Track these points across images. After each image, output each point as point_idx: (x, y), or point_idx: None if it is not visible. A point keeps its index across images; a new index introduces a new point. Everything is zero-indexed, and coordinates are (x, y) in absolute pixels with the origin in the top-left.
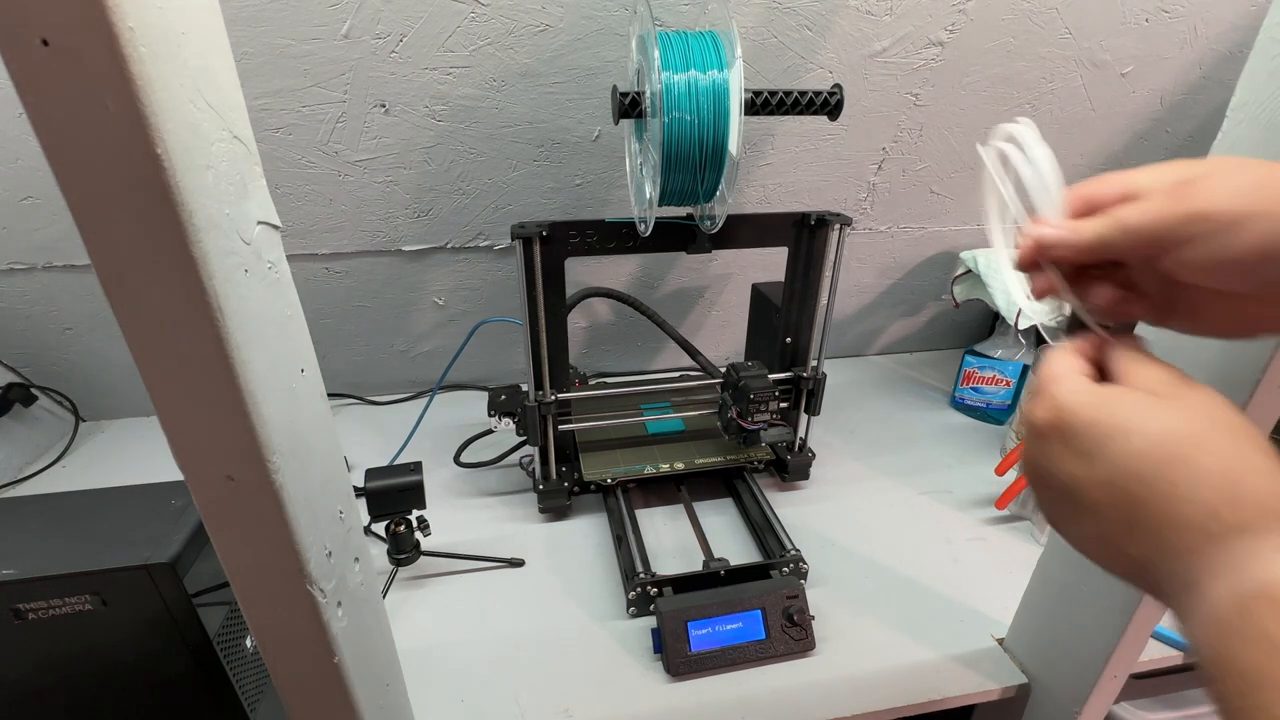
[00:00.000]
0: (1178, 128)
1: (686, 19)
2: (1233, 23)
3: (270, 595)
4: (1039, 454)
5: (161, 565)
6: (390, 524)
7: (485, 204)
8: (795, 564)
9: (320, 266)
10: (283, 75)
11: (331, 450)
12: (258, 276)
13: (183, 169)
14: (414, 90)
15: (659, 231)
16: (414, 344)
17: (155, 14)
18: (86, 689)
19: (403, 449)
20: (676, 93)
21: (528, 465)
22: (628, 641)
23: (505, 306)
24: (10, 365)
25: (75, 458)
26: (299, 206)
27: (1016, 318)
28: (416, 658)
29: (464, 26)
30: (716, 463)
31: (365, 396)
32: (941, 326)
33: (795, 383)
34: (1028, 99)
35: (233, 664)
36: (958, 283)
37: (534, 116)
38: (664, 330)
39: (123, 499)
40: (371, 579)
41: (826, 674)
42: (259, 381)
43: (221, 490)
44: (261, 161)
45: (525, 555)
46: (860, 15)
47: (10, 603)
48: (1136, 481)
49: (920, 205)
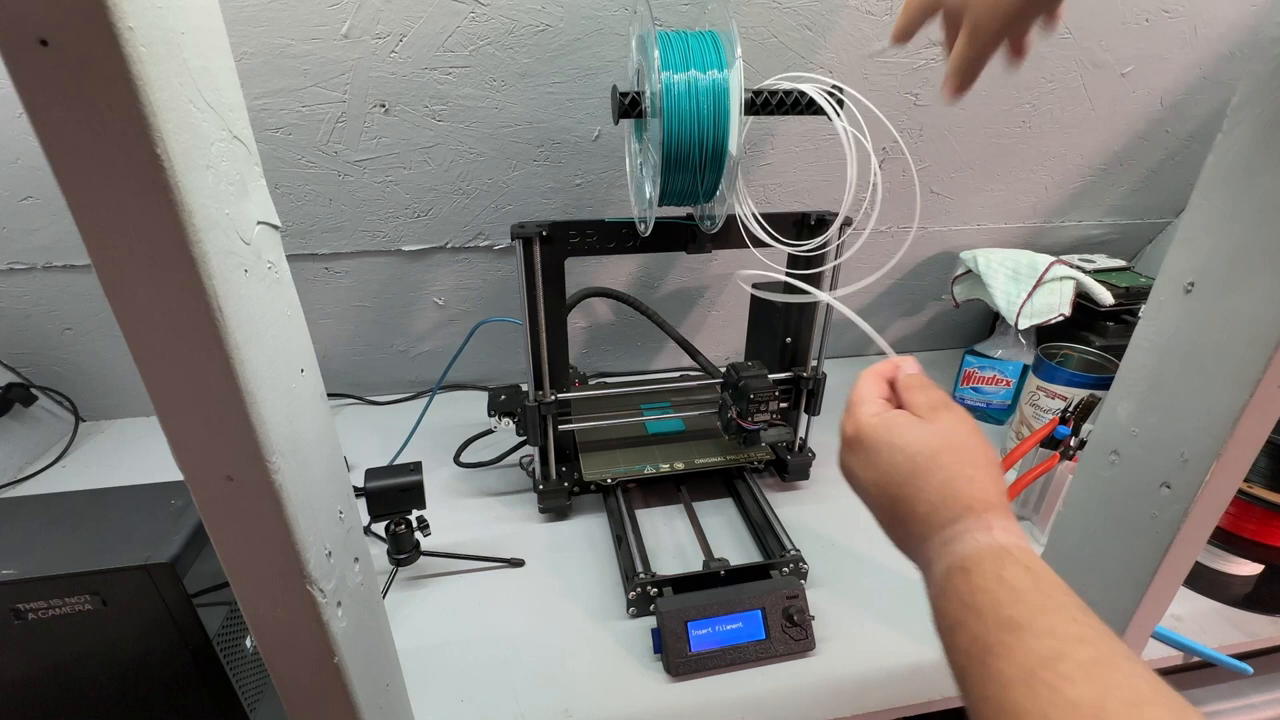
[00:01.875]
0: (1178, 128)
1: (686, 19)
2: (1233, 23)
3: (270, 595)
4: (846, 459)
5: (161, 565)
6: (390, 524)
7: (485, 204)
8: (795, 564)
9: (320, 266)
10: (283, 75)
11: (331, 450)
12: (258, 276)
13: (183, 169)
14: (414, 90)
15: (659, 231)
16: (414, 344)
17: (155, 14)
18: (86, 689)
19: (403, 449)
20: (676, 93)
21: (528, 465)
22: (628, 641)
23: (505, 306)
24: (10, 365)
25: (75, 458)
26: (299, 206)
27: (1016, 318)
28: (416, 658)
29: (464, 26)
30: (716, 463)
31: (365, 396)
32: (941, 326)
33: (795, 383)
34: (1028, 99)
35: (233, 664)
36: (958, 283)
37: (534, 116)
38: (664, 330)
39: (123, 499)
40: (371, 579)
41: (826, 674)
42: (259, 381)
43: (221, 490)
44: (261, 161)
45: (525, 555)
46: (860, 15)
47: (10, 603)
48: (895, 485)
49: (920, 205)
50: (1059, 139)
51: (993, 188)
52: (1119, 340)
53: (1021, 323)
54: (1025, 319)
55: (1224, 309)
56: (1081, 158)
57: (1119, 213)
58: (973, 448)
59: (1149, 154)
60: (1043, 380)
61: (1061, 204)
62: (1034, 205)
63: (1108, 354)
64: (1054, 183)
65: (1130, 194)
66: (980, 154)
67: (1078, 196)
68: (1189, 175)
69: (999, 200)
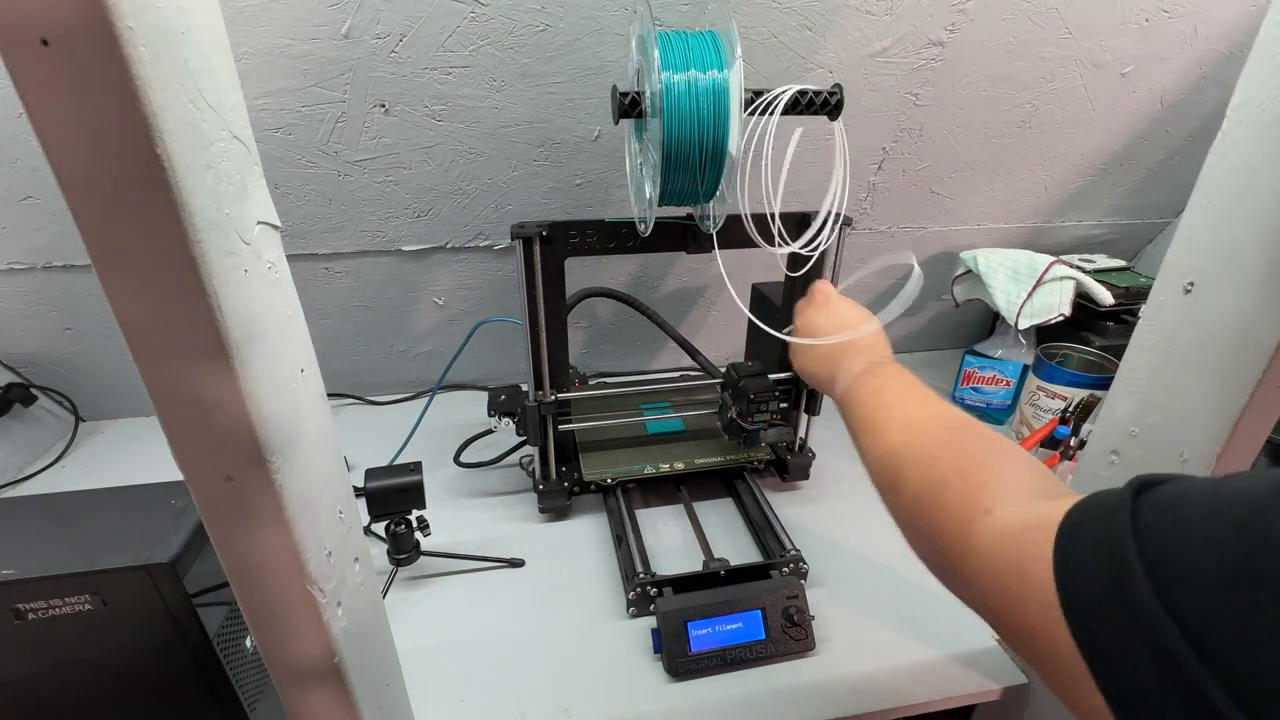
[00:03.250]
0: (1178, 128)
1: (686, 19)
2: (1233, 23)
3: (270, 595)
4: (813, 314)
5: (161, 565)
6: (390, 524)
7: (485, 204)
8: (795, 564)
9: (320, 266)
10: (283, 75)
11: (331, 450)
12: (258, 276)
13: (183, 169)
14: (414, 90)
15: (659, 231)
16: (414, 344)
17: (155, 14)
18: (86, 689)
19: (403, 449)
20: (676, 93)
21: (528, 465)
22: (628, 641)
23: (505, 306)
24: (10, 365)
25: (75, 458)
26: (299, 206)
27: (1016, 318)
28: (416, 658)
29: (464, 26)
30: (716, 463)
31: (365, 396)
32: (941, 326)
33: (795, 383)
34: (1028, 99)
35: (233, 664)
36: (958, 283)
37: (534, 116)
38: (664, 330)
39: (123, 499)
40: (371, 579)
41: (826, 674)
42: (259, 381)
43: (221, 490)
44: (261, 161)
45: (525, 555)
46: (860, 15)
47: (10, 603)
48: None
49: (920, 205)
50: (1059, 139)
51: (993, 188)
52: (1119, 340)
53: (1021, 323)
54: (1025, 319)
55: (1224, 309)
56: (1081, 158)
57: (1119, 213)
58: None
59: (1149, 154)
60: (1043, 380)
61: (1061, 204)
62: (1034, 205)
63: (1108, 354)
64: (1054, 183)
65: (1130, 194)
66: (980, 154)
67: (1078, 196)
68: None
69: (999, 200)
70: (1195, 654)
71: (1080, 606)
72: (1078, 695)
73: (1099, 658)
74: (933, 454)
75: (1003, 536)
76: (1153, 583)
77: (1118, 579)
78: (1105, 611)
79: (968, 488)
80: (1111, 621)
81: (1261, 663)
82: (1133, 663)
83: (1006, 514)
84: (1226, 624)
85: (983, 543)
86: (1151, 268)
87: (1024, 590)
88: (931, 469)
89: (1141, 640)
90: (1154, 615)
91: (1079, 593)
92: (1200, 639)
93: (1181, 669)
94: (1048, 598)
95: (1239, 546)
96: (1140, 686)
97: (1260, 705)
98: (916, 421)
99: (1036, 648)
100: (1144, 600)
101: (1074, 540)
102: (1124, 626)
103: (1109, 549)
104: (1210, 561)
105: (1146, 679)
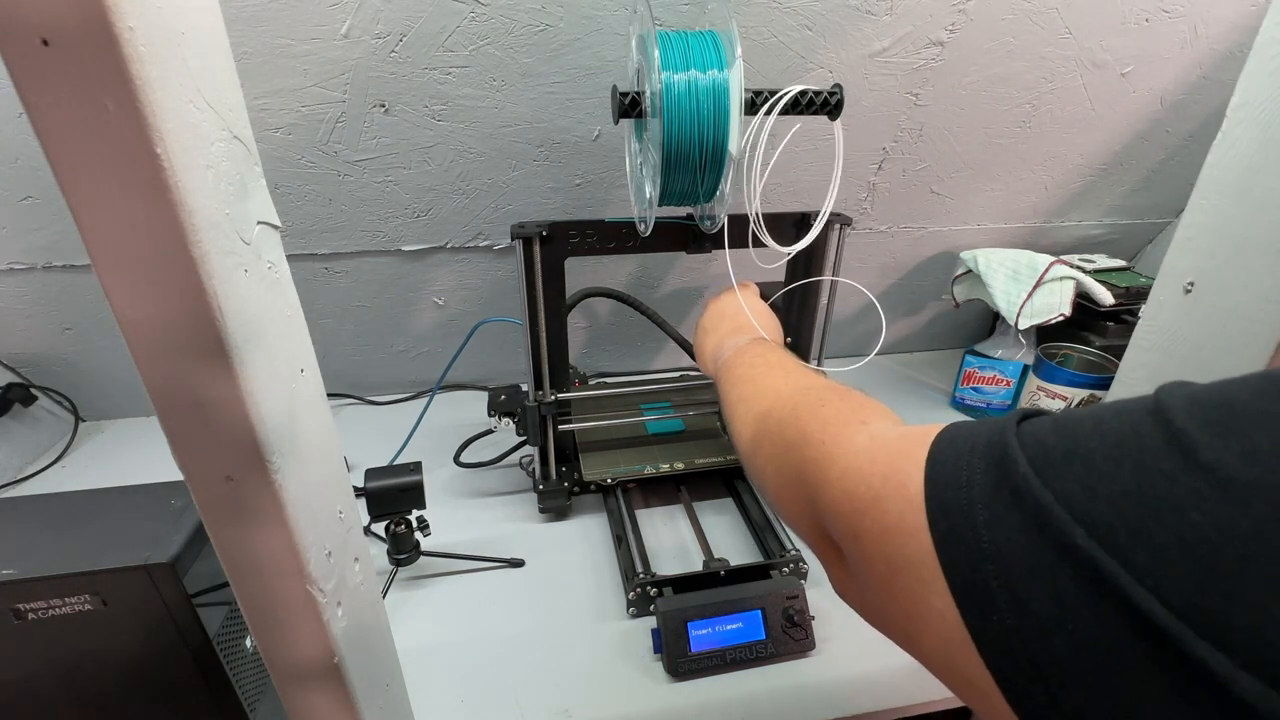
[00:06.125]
0: (1178, 128)
1: (686, 19)
2: (1233, 23)
3: (270, 595)
4: (717, 302)
5: (161, 565)
6: (390, 524)
7: (485, 204)
8: (795, 564)
9: (320, 266)
10: (283, 75)
11: (331, 450)
12: (258, 276)
13: (183, 169)
14: (414, 90)
15: (659, 231)
16: (414, 344)
17: (155, 14)
18: (86, 689)
19: (403, 449)
20: (676, 93)
21: (528, 465)
22: (628, 641)
23: (505, 306)
24: (10, 365)
25: (75, 458)
26: (299, 206)
27: (1016, 318)
28: (416, 658)
29: (464, 26)
30: (716, 463)
31: (365, 396)
32: (942, 326)
33: None
34: (1028, 99)
35: (233, 664)
36: (958, 283)
37: (534, 116)
38: (664, 330)
39: (123, 499)
40: (371, 579)
41: (826, 674)
42: (259, 381)
43: (221, 490)
44: (261, 161)
45: (525, 555)
46: (860, 15)
47: (10, 603)
48: (719, 316)
49: (920, 205)
50: (1059, 139)
51: (993, 188)
52: (1119, 340)
53: (1022, 323)
54: (1025, 319)
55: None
56: (1081, 158)
57: (1119, 213)
58: (736, 310)
59: (1149, 154)
60: (1043, 380)
61: (1061, 204)
62: (1034, 205)
63: (1108, 354)
64: (1054, 183)
65: (1130, 194)
66: (980, 154)
67: (1078, 196)
68: (1189, 175)
69: (999, 200)
70: (1085, 530)
71: (943, 499)
72: (924, 602)
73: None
74: (810, 383)
75: (876, 439)
76: (1034, 468)
77: (1001, 465)
78: (977, 501)
79: (847, 405)
80: (987, 510)
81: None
82: (1007, 548)
83: (883, 426)
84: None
85: (856, 444)
86: (1151, 268)
87: (888, 489)
88: (810, 393)
89: (1020, 522)
90: (1039, 497)
91: (947, 483)
92: (1087, 516)
93: (1066, 538)
94: (912, 493)
95: (1119, 434)
96: (1011, 575)
97: (1136, 559)
98: (798, 372)
99: (891, 548)
100: (1026, 484)
101: (951, 443)
102: (1001, 514)
103: (987, 444)
104: (1095, 448)
105: (1018, 563)
